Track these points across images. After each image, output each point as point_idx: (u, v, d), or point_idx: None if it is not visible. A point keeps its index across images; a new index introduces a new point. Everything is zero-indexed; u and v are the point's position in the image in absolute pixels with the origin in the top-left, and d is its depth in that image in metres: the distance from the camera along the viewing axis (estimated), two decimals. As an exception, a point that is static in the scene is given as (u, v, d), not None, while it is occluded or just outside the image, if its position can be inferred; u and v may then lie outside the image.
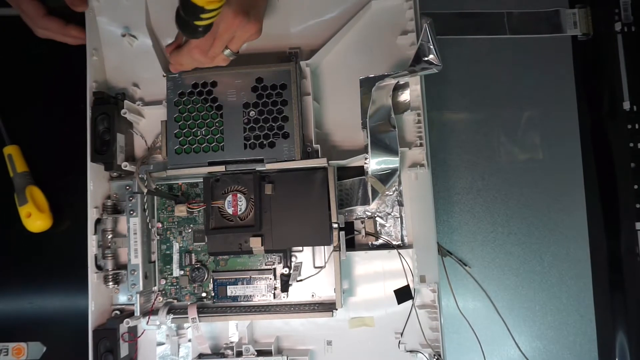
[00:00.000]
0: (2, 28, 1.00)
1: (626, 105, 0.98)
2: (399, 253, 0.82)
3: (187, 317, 0.81)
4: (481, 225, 0.99)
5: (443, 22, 1.02)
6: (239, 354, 0.81)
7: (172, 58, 0.78)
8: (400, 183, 0.84)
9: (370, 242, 0.85)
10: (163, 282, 0.86)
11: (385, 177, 0.81)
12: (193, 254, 0.86)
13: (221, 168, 0.81)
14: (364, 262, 0.84)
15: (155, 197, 0.86)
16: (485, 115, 1.00)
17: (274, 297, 0.84)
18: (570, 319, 0.96)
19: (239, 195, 0.80)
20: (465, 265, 0.97)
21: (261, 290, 0.84)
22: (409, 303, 0.81)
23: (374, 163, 0.80)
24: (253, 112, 0.81)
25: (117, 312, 0.87)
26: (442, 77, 0.99)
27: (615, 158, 0.99)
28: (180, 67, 0.80)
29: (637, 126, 0.98)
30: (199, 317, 0.81)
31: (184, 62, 0.77)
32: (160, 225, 0.87)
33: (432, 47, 0.72)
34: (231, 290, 0.84)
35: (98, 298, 0.84)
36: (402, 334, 0.82)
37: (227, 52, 0.74)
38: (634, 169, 0.98)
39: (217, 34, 0.70)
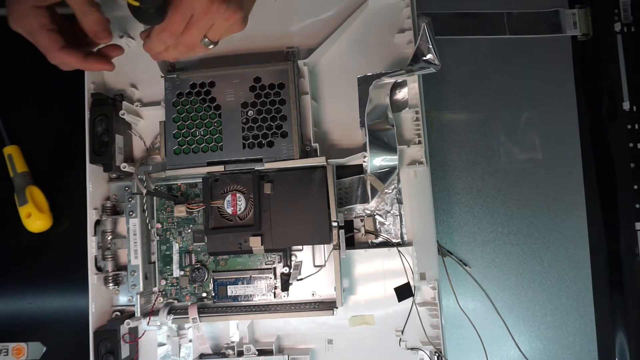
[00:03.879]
0: (2, 28, 1.00)
1: (626, 105, 0.98)
2: (399, 251, 0.82)
3: (188, 318, 0.81)
4: (481, 225, 0.99)
5: (442, 22, 1.02)
6: (240, 353, 0.81)
7: (145, 45, 0.72)
8: (399, 181, 0.84)
9: (369, 241, 0.85)
10: (163, 282, 0.86)
11: (384, 175, 0.81)
12: (193, 254, 0.86)
13: (220, 168, 0.81)
14: (363, 261, 0.84)
15: (155, 197, 0.86)
16: (484, 115, 1.01)
17: (275, 297, 0.84)
18: (570, 319, 0.96)
19: (238, 194, 0.80)
20: (465, 266, 0.97)
21: (261, 290, 0.84)
22: (409, 301, 0.81)
23: (373, 161, 0.81)
24: (251, 111, 0.81)
25: (118, 313, 0.87)
26: (442, 77, 1.00)
27: (615, 158, 0.99)
28: (158, 56, 0.72)
29: (636, 126, 0.98)
30: (199, 317, 0.81)
31: (156, 47, 0.70)
32: (159, 225, 0.86)
33: (430, 46, 0.72)
34: (231, 290, 0.84)
35: (98, 299, 0.84)
36: (402, 332, 0.82)
37: (205, 41, 0.69)
38: (634, 169, 0.98)
39: (192, 19, 0.65)
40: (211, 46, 0.70)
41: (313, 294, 0.84)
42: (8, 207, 0.94)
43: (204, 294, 0.85)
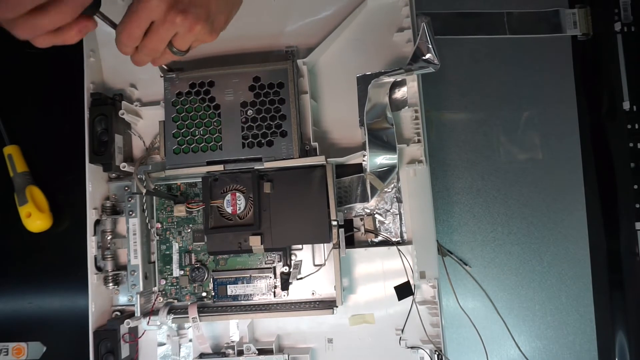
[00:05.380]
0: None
1: (626, 105, 0.98)
2: (399, 250, 0.82)
3: (188, 317, 0.81)
4: (481, 225, 0.99)
5: (443, 22, 1.02)
6: (240, 353, 0.81)
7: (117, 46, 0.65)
8: (398, 179, 0.84)
9: (369, 239, 0.85)
10: (163, 282, 0.86)
11: (384, 174, 0.81)
12: (193, 254, 0.86)
13: (220, 167, 0.81)
14: (363, 260, 0.84)
15: (154, 197, 0.87)
16: (484, 115, 1.00)
17: (274, 296, 0.84)
18: (570, 319, 0.96)
19: (237, 194, 0.80)
20: (465, 265, 0.97)
21: (261, 289, 0.84)
22: (409, 299, 0.81)
23: (373, 160, 0.81)
24: (251, 111, 0.81)
25: (118, 313, 0.87)
26: (442, 77, 1.00)
27: (615, 158, 0.99)
28: (134, 58, 0.66)
29: (636, 126, 0.98)
30: (199, 316, 0.81)
31: (121, 49, 0.64)
32: (159, 225, 0.87)
33: (429, 46, 0.72)
34: (231, 290, 0.84)
35: (98, 299, 0.85)
36: (402, 331, 0.82)
37: (173, 50, 0.65)
38: (634, 169, 0.97)
39: (152, 26, 0.61)
40: (181, 55, 0.67)
41: (313, 293, 0.84)
42: (8, 207, 0.94)
43: (204, 294, 0.85)
